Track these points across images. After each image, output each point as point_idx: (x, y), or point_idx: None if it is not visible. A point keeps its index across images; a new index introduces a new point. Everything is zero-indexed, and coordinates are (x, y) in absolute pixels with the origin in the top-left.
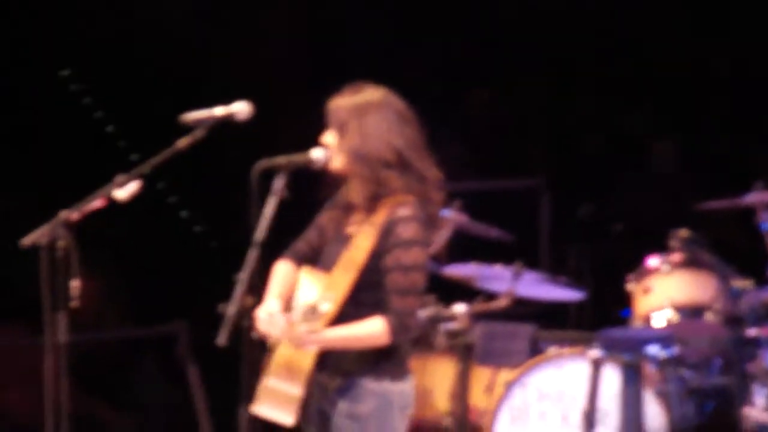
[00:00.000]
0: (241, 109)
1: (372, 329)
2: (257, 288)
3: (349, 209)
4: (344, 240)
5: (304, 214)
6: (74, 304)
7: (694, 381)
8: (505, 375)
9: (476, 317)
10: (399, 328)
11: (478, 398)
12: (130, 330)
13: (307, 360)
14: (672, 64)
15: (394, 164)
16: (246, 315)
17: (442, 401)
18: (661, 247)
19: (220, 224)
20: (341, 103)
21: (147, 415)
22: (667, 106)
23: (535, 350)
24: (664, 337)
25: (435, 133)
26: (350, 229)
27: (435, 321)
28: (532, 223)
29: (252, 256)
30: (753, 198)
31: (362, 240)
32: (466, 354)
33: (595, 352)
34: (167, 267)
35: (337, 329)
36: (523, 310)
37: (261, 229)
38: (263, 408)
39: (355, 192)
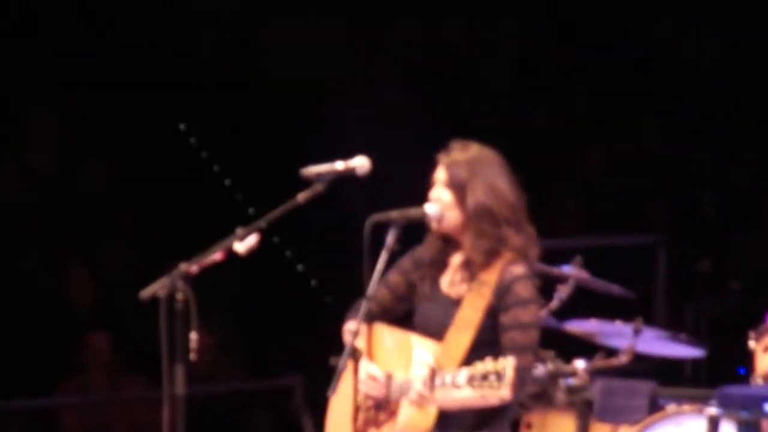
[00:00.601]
0: (361, 164)
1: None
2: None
3: (440, 269)
4: (444, 300)
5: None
6: (193, 356)
7: None
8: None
9: (596, 373)
10: (519, 385)
11: None
12: (245, 383)
13: (428, 420)
14: None
15: (512, 221)
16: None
17: None
18: None
19: (335, 277)
20: (457, 157)
21: None
22: None
23: (655, 407)
24: None
25: (552, 189)
26: (454, 290)
27: (555, 377)
28: (649, 279)
29: (364, 309)
30: None
31: (476, 299)
32: (586, 410)
33: (713, 410)
34: (283, 320)
35: (465, 390)
36: (641, 366)
37: (372, 282)
38: None
39: (472, 249)
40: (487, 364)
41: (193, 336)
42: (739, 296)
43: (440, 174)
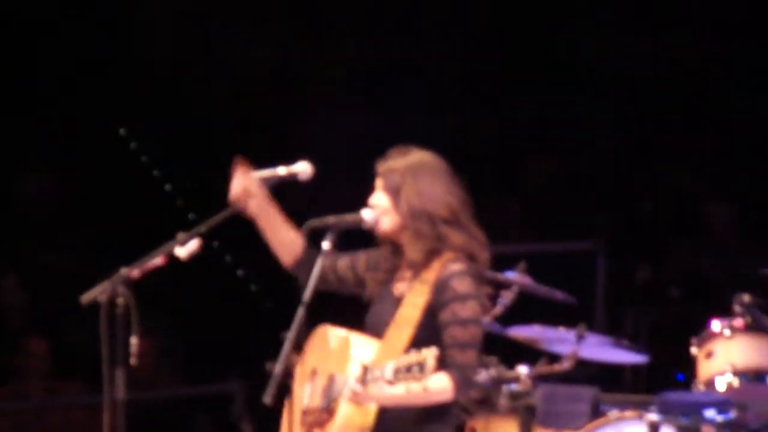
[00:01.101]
0: (303, 169)
1: (438, 385)
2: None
3: (392, 272)
4: (393, 300)
5: None
6: (134, 361)
7: None
8: None
9: (538, 379)
10: (463, 382)
11: None
12: (185, 388)
13: (367, 418)
14: (728, 126)
15: (451, 221)
16: (292, 373)
17: None
18: (719, 312)
19: (275, 283)
20: (393, 165)
21: None
22: (724, 169)
23: (596, 413)
24: (722, 402)
25: (491, 194)
26: (398, 289)
27: (498, 382)
28: (589, 285)
29: (299, 315)
30: None
31: (415, 297)
32: (528, 416)
33: (653, 416)
34: (223, 325)
35: (405, 386)
36: (581, 372)
37: (309, 288)
38: None
39: (412, 249)
40: (410, 356)
41: (134, 341)
42: (678, 303)
43: (378, 180)
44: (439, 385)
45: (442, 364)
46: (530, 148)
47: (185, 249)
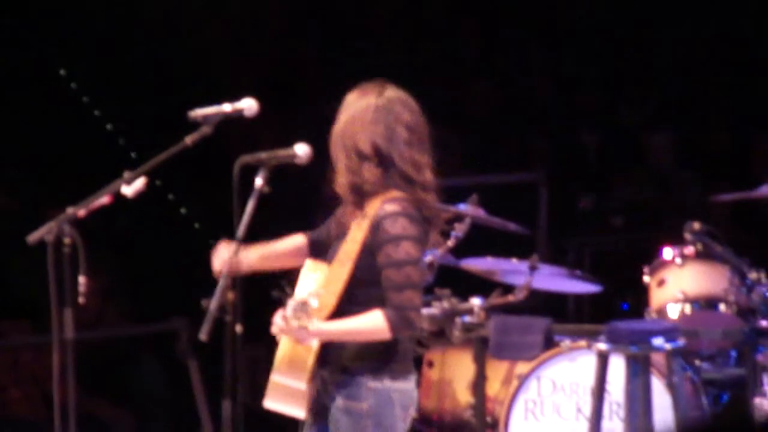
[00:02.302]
0: (249, 105)
1: (371, 323)
2: (238, 282)
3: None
4: (344, 234)
5: (289, 209)
6: (82, 300)
7: (709, 373)
8: (521, 368)
9: (491, 311)
10: (399, 322)
11: (496, 390)
12: (130, 328)
13: (308, 354)
14: (671, 59)
15: (371, 158)
16: (228, 310)
17: (463, 394)
18: (664, 241)
19: (218, 221)
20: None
21: (148, 411)
22: (666, 100)
23: (549, 343)
24: (670, 330)
25: (436, 127)
26: (350, 224)
27: (451, 314)
28: (531, 216)
29: (233, 252)
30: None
31: (356, 232)
32: (482, 347)
33: (602, 345)
34: (167, 264)
35: (337, 322)
36: (527, 303)
37: (242, 224)
38: (273, 403)
39: (338, 184)
40: (302, 296)
41: (82, 280)
42: (621, 232)
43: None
44: (373, 324)
45: (379, 305)
46: (471, 76)
47: (131, 187)
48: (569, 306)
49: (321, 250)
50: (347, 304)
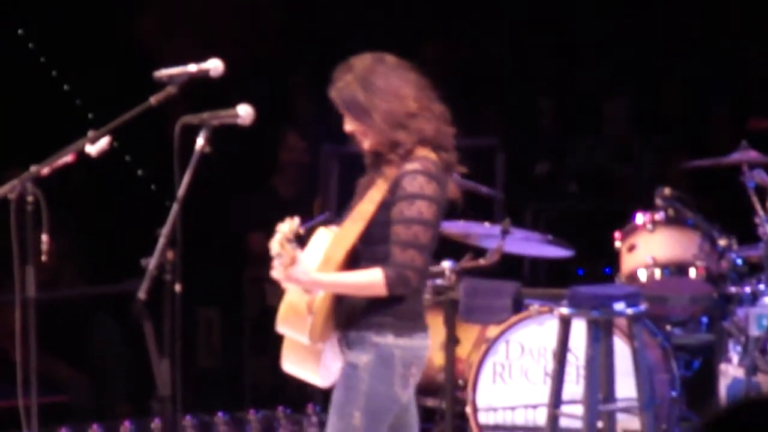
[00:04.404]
0: (215, 65)
1: (369, 278)
2: (178, 242)
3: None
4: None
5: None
6: (45, 258)
7: (679, 338)
8: (491, 331)
9: (463, 274)
10: (397, 280)
11: (468, 353)
12: (88, 288)
13: (305, 299)
14: (626, 25)
15: (416, 112)
16: (167, 269)
17: (436, 355)
18: (620, 207)
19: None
20: (341, 85)
21: (105, 372)
22: (621, 66)
23: (518, 307)
24: (631, 295)
25: None
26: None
27: None
28: (488, 182)
29: (173, 211)
30: (739, 157)
31: (374, 192)
32: (452, 310)
33: (564, 309)
34: (123, 225)
35: (336, 274)
36: (486, 268)
37: (182, 185)
38: (290, 366)
39: (361, 144)
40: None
41: (45, 238)
42: (576, 198)
43: (338, 107)
44: (370, 279)
45: (385, 260)
46: (423, 38)
47: (95, 147)
48: (524, 270)
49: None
50: (354, 261)
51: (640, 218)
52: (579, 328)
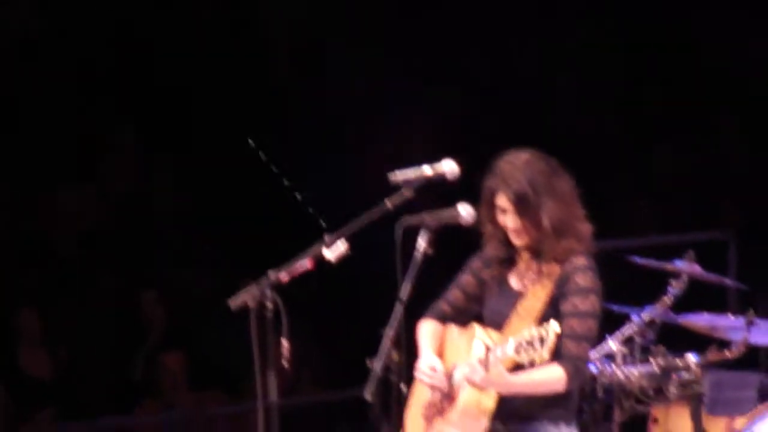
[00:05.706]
0: (450, 168)
1: (551, 375)
2: (402, 343)
3: (507, 265)
4: (511, 294)
5: (449, 271)
6: (287, 364)
7: None
8: (739, 423)
9: (707, 367)
10: (574, 373)
11: None
12: (324, 394)
13: (488, 402)
14: None
15: (582, 216)
16: (392, 369)
17: None
18: None
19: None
20: (513, 184)
21: None
22: None
23: (764, 398)
24: None
25: (622, 186)
26: (515, 282)
27: (667, 371)
28: (721, 273)
29: (397, 312)
30: None
31: (539, 290)
32: (698, 404)
33: None
34: (354, 327)
35: (519, 374)
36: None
37: (404, 285)
38: None
39: (553, 253)
40: (531, 330)
41: (285, 343)
42: None
43: (501, 201)
44: (553, 376)
45: (556, 354)
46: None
47: (333, 251)
48: (760, 357)
49: (450, 323)
50: None
51: None
52: None
